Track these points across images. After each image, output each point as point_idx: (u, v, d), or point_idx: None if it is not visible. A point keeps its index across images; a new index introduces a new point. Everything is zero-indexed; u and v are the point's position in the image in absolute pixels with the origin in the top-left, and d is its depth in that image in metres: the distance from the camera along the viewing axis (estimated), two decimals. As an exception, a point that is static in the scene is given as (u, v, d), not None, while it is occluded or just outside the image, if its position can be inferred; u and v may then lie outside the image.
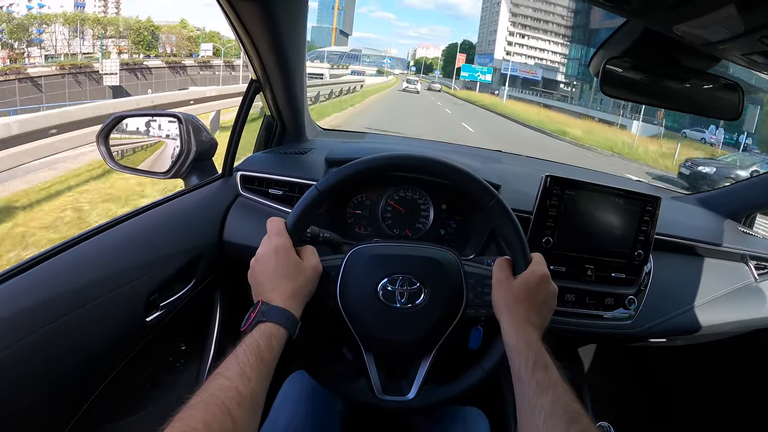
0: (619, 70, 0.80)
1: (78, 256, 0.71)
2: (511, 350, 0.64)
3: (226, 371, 0.52)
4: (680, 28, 0.60)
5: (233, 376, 0.51)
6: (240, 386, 0.50)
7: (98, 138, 0.99)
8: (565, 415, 0.53)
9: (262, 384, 0.53)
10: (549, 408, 0.54)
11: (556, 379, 0.58)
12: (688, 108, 0.84)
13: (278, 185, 1.06)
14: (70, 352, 0.64)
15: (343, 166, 0.71)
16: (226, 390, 0.49)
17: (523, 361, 0.60)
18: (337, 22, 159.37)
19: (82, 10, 34.35)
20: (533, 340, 0.63)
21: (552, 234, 0.96)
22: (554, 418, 0.53)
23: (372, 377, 0.74)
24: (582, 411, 0.54)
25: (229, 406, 0.48)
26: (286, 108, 1.17)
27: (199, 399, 0.48)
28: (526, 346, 0.62)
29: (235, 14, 0.79)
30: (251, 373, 0.52)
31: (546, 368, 0.59)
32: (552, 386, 0.57)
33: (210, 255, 0.96)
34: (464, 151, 1.59)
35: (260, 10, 0.78)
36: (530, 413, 0.55)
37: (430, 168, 0.74)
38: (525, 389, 0.58)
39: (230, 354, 0.55)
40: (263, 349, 0.56)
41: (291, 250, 0.66)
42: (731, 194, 1.41)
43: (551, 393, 0.56)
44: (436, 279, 0.73)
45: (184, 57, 37.36)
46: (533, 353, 0.61)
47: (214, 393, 0.49)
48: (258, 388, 0.52)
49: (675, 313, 1.07)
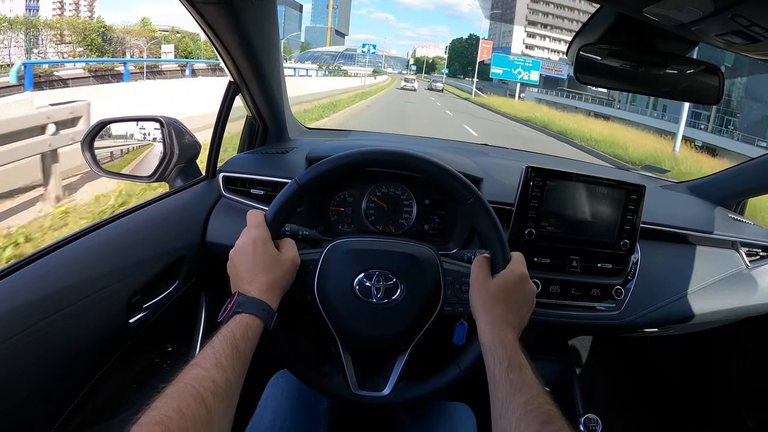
0: (597, 58, 0.80)
1: (60, 260, 0.71)
2: (486, 350, 0.63)
3: (202, 361, 0.52)
4: (651, 10, 0.59)
5: (208, 366, 0.52)
6: (215, 376, 0.51)
7: (83, 144, 0.99)
8: (538, 416, 0.53)
9: (237, 374, 0.54)
10: (522, 409, 0.54)
11: (530, 380, 0.58)
12: (667, 93, 0.83)
13: (260, 185, 1.06)
14: (53, 354, 0.64)
15: (323, 160, 0.71)
16: (201, 379, 0.50)
17: (498, 362, 0.60)
18: (332, 22, 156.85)
19: (36, 12, 32.01)
20: (509, 341, 0.63)
21: (535, 225, 0.95)
22: (527, 419, 0.53)
23: (348, 372, 0.74)
24: (556, 413, 0.54)
25: (204, 395, 0.48)
26: (265, 108, 1.17)
27: (174, 388, 0.48)
28: (501, 346, 0.62)
29: (201, 17, 0.79)
30: (226, 363, 0.53)
31: (521, 369, 0.59)
32: (526, 387, 0.56)
33: (193, 256, 0.97)
34: (449, 146, 1.58)
35: (225, 13, 0.78)
36: (503, 414, 0.55)
37: (409, 163, 0.73)
38: (499, 390, 0.58)
39: (207, 345, 0.55)
40: (239, 340, 0.56)
41: (269, 242, 0.67)
42: (721, 181, 1.39)
43: (525, 394, 0.55)
44: (413, 275, 0.73)
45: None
46: (508, 354, 0.61)
47: (189, 382, 0.49)
48: (233, 378, 0.53)
49: (665, 302, 1.06)
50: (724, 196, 1.35)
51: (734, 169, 1.36)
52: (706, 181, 1.43)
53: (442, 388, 0.73)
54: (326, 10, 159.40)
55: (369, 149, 0.73)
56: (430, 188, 1.07)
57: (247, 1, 0.78)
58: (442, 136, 5.37)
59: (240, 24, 0.82)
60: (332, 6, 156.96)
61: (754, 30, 0.57)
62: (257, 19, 0.85)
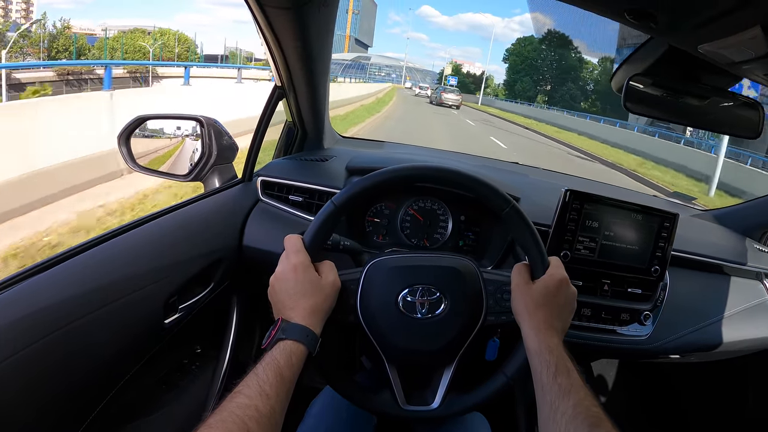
0: (642, 87, 0.81)
1: (100, 257, 0.72)
2: (533, 355, 0.64)
3: (246, 389, 0.52)
4: (705, 47, 0.61)
5: (253, 394, 0.51)
6: (259, 404, 0.51)
7: (119, 138, 1.00)
8: (587, 419, 0.53)
9: (281, 402, 0.54)
10: (571, 412, 0.55)
11: (577, 383, 0.58)
12: (708, 126, 0.84)
13: (298, 192, 1.07)
14: (89, 351, 0.64)
15: (358, 180, 0.72)
16: (245, 408, 0.50)
17: (545, 366, 0.61)
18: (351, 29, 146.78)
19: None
20: (555, 345, 0.63)
21: (570, 248, 0.96)
22: (576, 421, 0.53)
23: (395, 388, 0.74)
24: (603, 415, 0.55)
25: (248, 423, 0.48)
26: (308, 115, 1.18)
27: (218, 417, 0.48)
28: (548, 350, 0.62)
29: (266, 21, 0.80)
30: (270, 391, 0.53)
31: (568, 373, 0.60)
32: (574, 390, 0.57)
33: (230, 259, 0.97)
34: (483, 163, 1.60)
35: (292, 18, 0.79)
36: (552, 417, 0.56)
37: (447, 177, 0.74)
38: (547, 394, 0.59)
39: (250, 372, 0.55)
40: (283, 367, 0.56)
41: (309, 268, 0.66)
42: (747, 211, 1.40)
43: (573, 397, 0.56)
44: (456, 288, 0.73)
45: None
46: (555, 358, 0.61)
47: (233, 411, 0.49)
48: (277, 406, 0.53)
49: (690, 329, 1.06)
50: (749, 226, 1.36)
51: (761, 199, 1.37)
52: (733, 210, 1.44)
53: (489, 397, 0.73)
54: (344, 15, 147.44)
55: (402, 167, 0.73)
56: (466, 204, 1.07)
57: (315, 8, 0.79)
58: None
59: (302, 30, 0.83)
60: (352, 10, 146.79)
61: (802, 71, 0.59)
62: (319, 26, 0.86)
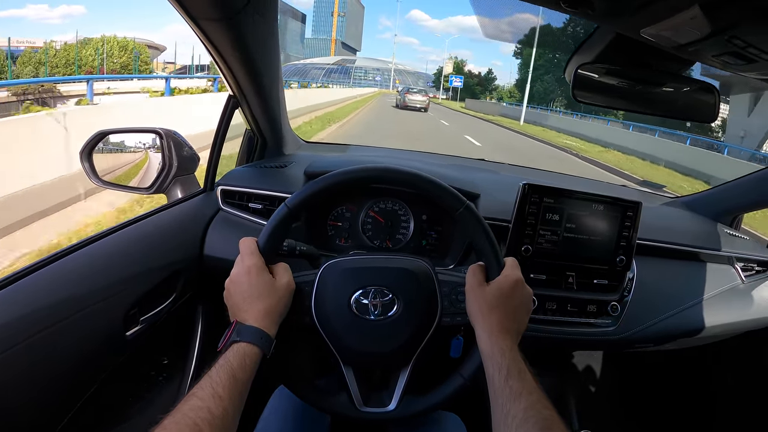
0: (594, 76, 0.80)
1: (58, 272, 0.71)
2: (486, 357, 0.64)
3: (199, 391, 0.53)
4: (648, 31, 0.59)
5: (206, 396, 0.52)
6: (212, 406, 0.51)
7: (81, 154, 1.00)
8: (538, 422, 0.53)
9: (234, 404, 0.54)
10: (522, 415, 0.54)
11: (530, 386, 0.58)
12: (664, 112, 0.83)
13: (258, 199, 1.06)
14: (50, 366, 0.64)
15: (311, 182, 0.72)
16: (198, 410, 0.50)
17: (497, 369, 0.61)
18: (337, 33, 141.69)
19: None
20: (507, 347, 0.63)
21: (531, 242, 0.95)
22: (527, 425, 0.53)
23: (352, 390, 0.74)
24: (556, 418, 0.54)
25: (201, 425, 0.49)
26: (264, 122, 1.17)
27: (172, 419, 0.49)
28: (500, 353, 0.62)
29: (202, 33, 0.79)
30: (224, 393, 0.53)
31: (520, 375, 0.59)
32: (525, 393, 0.57)
33: (190, 269, 0.97)
34: (446, 162, 1.58)
35: (226, 29, 0.78)
36: (503, 421, 0.55)
37: (399, 179, 0.74)
38: (499, 397, 0.58)
39: (205, 374, 0.56)
40: (236, 369, 0.57)
41: (263, 270, 0.67)
42: (717, 196, 1.40)
43: (524, 400, 0.56)
44: (409, 289, 0.73)
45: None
46: (507, 360, 0.61)
47: (186, 413, 0.50)
48: (230, 408, 0.53)
49: (661, 318, 1.06)
50: (719, 211, 1.36)
51: (730, 184, 1.37)
52: (702, 196, 1.44)
53: (447, 399, 0.73)
54: (329, 18, 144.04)
55: (355, 168, 0.73)
56: (427, 204, 1.07)
57: (249, 17, 0.78)
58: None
59: (241, 39, 0.82)
60: (337, 13, 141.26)
61: (750, 51, 0.57)
62: (259, 34, 0.86)
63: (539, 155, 11.70)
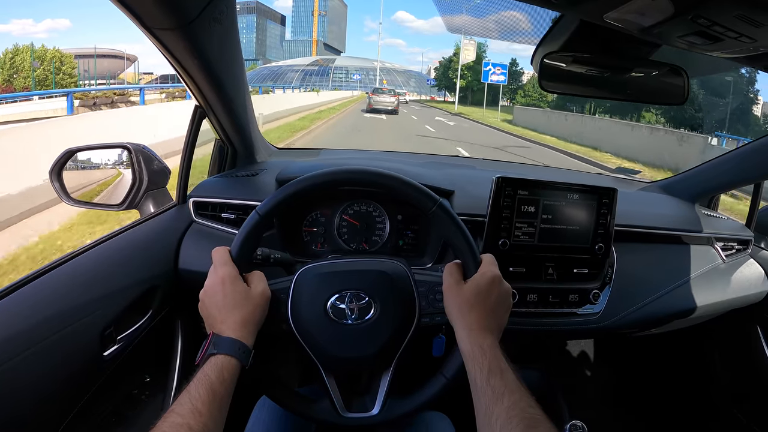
0: (562, 65, 0.79)
1: (29, 295, 0.70)
2: (466, 357, 0.63)
3: (178, 407, 0.52)
4: (611, 15, 0.58)
5: (185, 412, 0.51)
6: (192, 422, 0.51)
7: (51, 174, 0.98)
8: (522, 421, 0.52)
9: (215, 418, 0.54)
10: (505, 415, 0.53)
11: (512, 384, 0.57)
12: (634, 97, 0.83)
13: (231, 209, 1.05)
14: (27, 391, 0.62)
15: (281, 188, 0.71)
16: (177, 427, 0.50)
17: (478, 368, 0.60)
18: (318, 33, 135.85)
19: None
20: (488, 346, 0.62)
21: (508, 236, 0.94)
22: (511, 425, 0.52)
23: (334, 396, 0.73)
24: (541, 416, 0.53)
25: None
26: (233, 131, 1.15)
27: None
28: (480, 352, 0.61)
29: (159, 43, 0.76)
30: (203, 408, 0.52)
31: (501, 374, 0.58)
32: (508, 392, 0.56)
33: (166, 284, 0.95)
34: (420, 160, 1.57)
35: (181, 38, 0.75)
36: (487, 422, 0.55)
37: (369, 179, 0.73)
38: (481, 397, 0.57)
39: (184, 390, 0.55)
40: (215, 382, 0.56)
41: (237, 279, 0.66)
42: (693, 178, 1.41)
43: (507, 399, 0.55)
44: (385, 291, 0.72)
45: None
46: (488, 359, 0.60)
47: (165, 431, 0.49)
48: (210, 423, 0.52)
49: (644, 302, 1.06)
50: (696, 193, 1.37)
51: (705, 165, 1.38)
52: (678, 179, 1.45)
53: (430, 400, 0.73)
54: (310, 18, 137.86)
55: (324, 171, 0.72)
56: (401, 203, 1.06)
57: (206, 25, 0.76)
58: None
59: (199, 47, 0.80)
60: (317, 11, 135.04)
61: (715, 30, 0.57)
62: (217, 41, 0.83)
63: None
